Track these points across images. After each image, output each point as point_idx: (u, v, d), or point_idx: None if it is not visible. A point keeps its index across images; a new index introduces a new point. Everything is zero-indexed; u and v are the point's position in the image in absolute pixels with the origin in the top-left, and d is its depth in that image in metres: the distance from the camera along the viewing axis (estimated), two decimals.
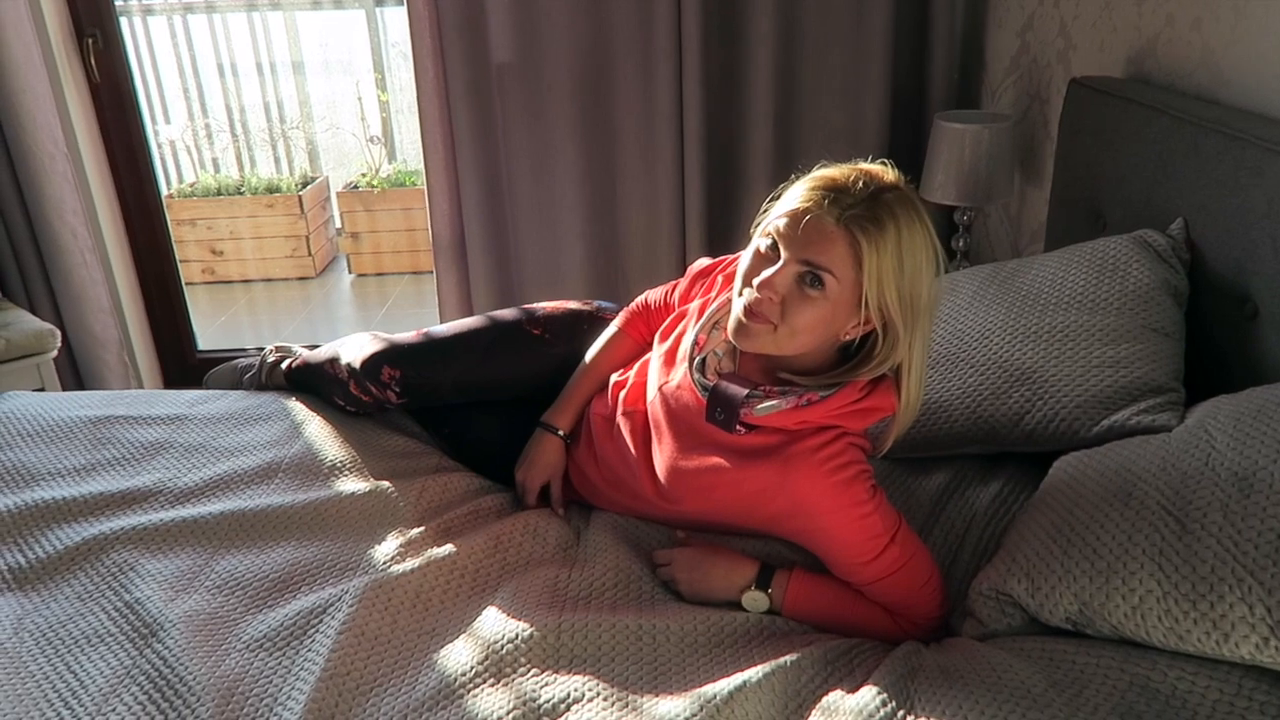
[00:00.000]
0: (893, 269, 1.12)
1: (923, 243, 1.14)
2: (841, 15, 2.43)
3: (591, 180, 2.61)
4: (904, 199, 1.14)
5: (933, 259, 1.16)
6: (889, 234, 1.11)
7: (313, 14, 4.70)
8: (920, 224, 1.14)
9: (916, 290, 1.14)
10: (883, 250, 1.11)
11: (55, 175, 2.58)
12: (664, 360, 1.39)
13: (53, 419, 1.74)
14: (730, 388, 1.24)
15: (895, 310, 1.14)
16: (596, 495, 1.50)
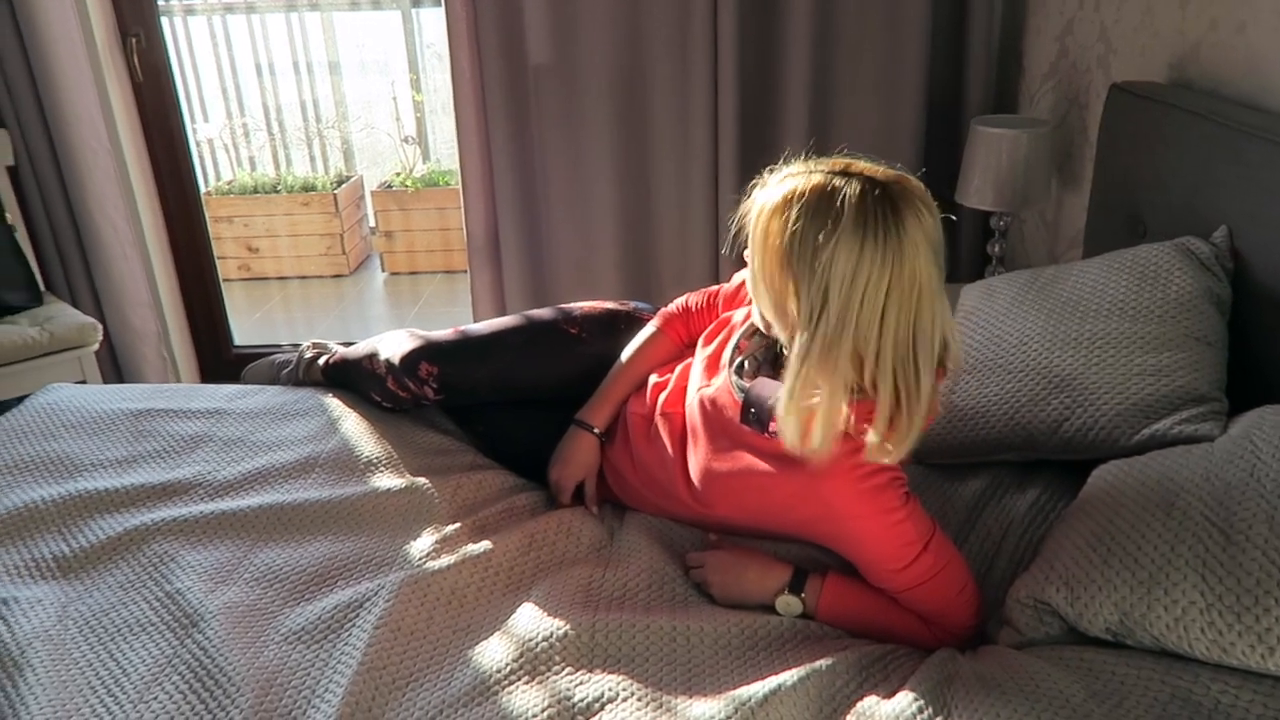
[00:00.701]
0: (772, 231, 1.14)
1: (815, 215, 1.11)
2: (878, 17, 2.42)
3: (625, 181, 2.62)
4: None
5: (841, 239, 1.10)
6: (779, 203, 1.15)
7: (350, 14, 4.74)
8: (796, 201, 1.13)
9: (810, 261, 1.11)
10: (766, 217, 1.16)
11: (98, 172, 2.62)
12: (706, 364, 1.39)
13: (95, 411, 1.77)
14: (764, 389, 1.25)
15: (785, 278, 1.13)
16: (631, 495, 1.50)
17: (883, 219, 1.10)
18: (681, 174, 2.58)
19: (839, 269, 1.09)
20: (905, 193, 1.13)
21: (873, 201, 1.11)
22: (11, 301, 2.43)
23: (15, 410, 1.78)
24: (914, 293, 1.11)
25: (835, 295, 1.10)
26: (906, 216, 1.11)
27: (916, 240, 1.11)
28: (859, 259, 1.09)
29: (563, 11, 2.44)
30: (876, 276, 1.09)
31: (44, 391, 1.87)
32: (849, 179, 1.13)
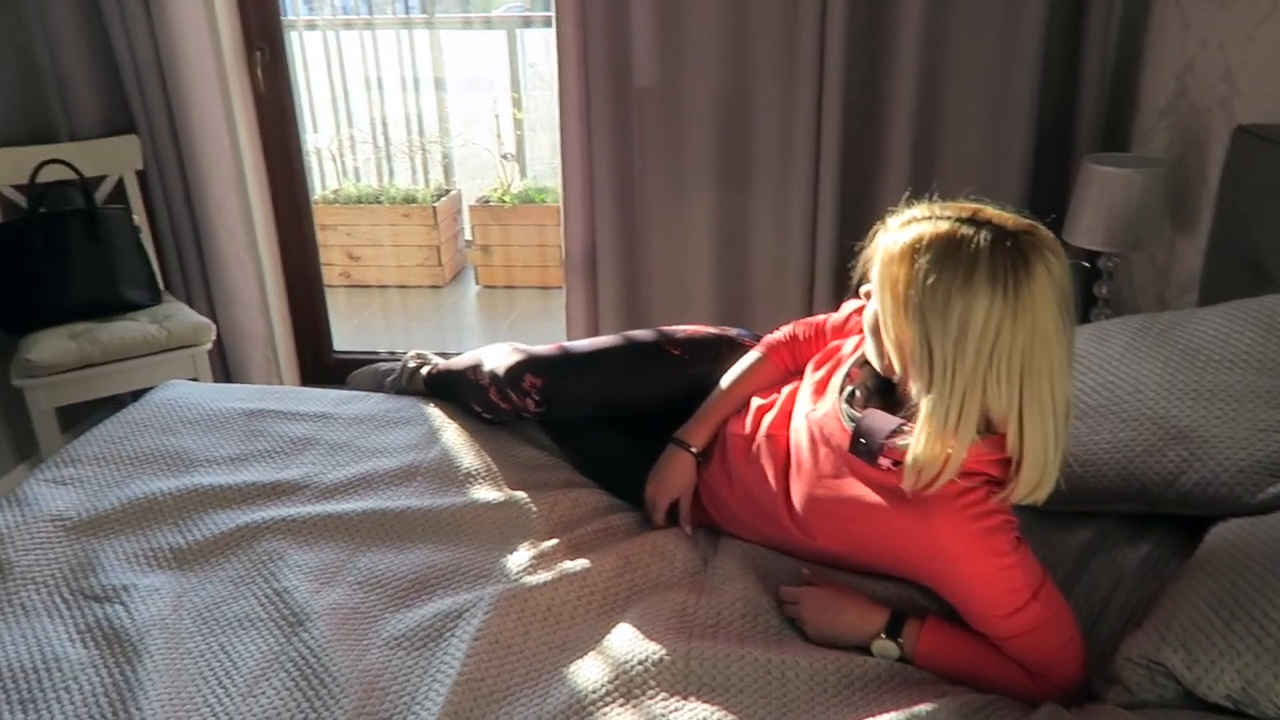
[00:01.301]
0: (900, 280, 1.13)
1: (945, 265, 1.10)
2: (989, 48, 2.39)
3: (723, 206, 2.63)
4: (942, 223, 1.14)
5: (973, 291, 1.09)
6: (905, 250, 1.13)
7: (459, 32, 4.87)
8: (951, 253, 1.11)
9: (942, 312, 1.10)
10: (891, 263, 1.15)
11: (219, 179, 2.74)
12: (814, 389, 1.39)
13: (210, 409, 1.85)
14: (876, 420, 1.24)
15: (913, 328, 1.13)
16: (729, 518, 1.50)
17: (1013, 271, 1.09)
18: (780, 201, 2.58)
19: (973, 323, 1.09)
20: (1037, 243, 1.12)
21: (1004, 252, 1.09)
22: (134, 299, 2.55)
23: (137, 405, 1.87)
24: (1046, 345, 1.10)
25: (969, 350, 1.09)
26: (1038, 268, 1.10)
27: (1048, 292, 1.10)
28: (989, 313, 1.08)
29: (670, 36, 2.47)
30: (1010, 330, 1.08)
31: (163, 388, 1.96)
32: (978, 227, 1.12)
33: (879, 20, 2.40)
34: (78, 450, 1.68)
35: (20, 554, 1.40)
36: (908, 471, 1.16)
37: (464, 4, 4.94)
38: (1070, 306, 1.13)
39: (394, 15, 4.69)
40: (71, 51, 2.59)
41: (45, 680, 1.17)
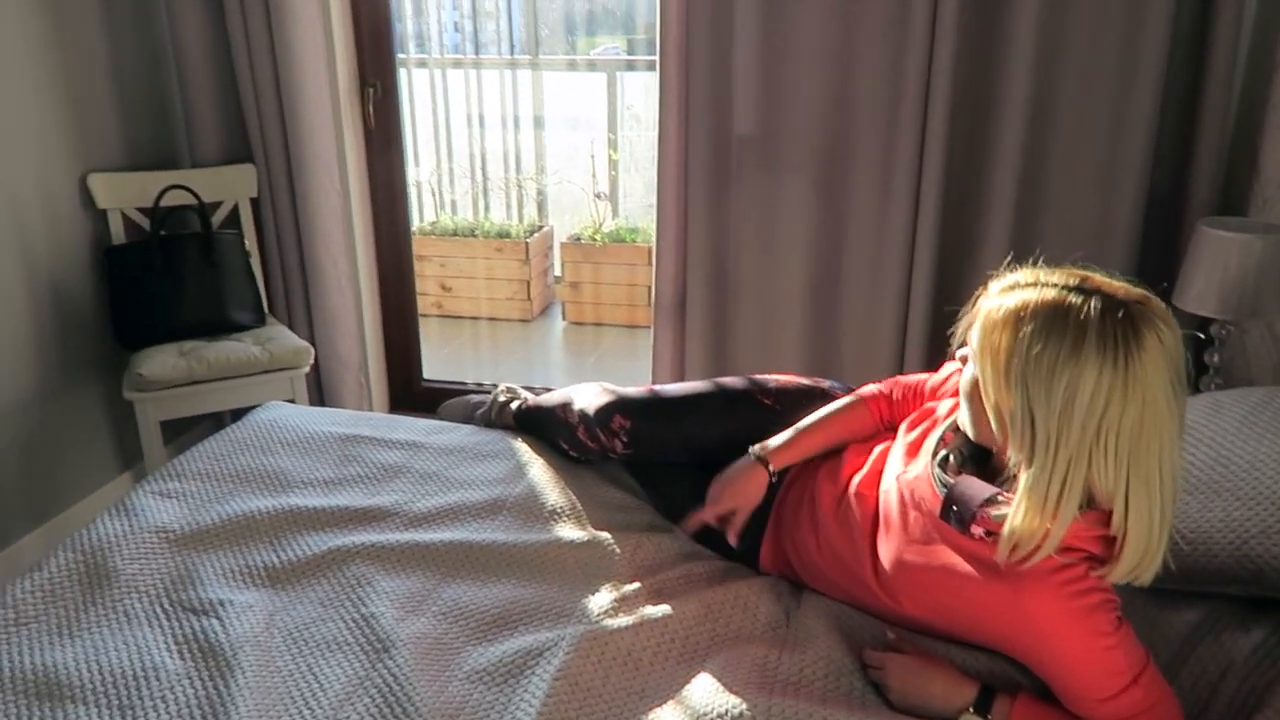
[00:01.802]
0: (1002, 348, 1.10)
1: (1052, 334, 1.07)
2: (1101, 108, 2.33)
3: (817, 257, 2.61)
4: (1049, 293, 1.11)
5: (1081, 363, 1.05)
6: (1009, 316, 1.11)
7: (560, 73, 4.98)
8: (1065, 328, 1.07)
9: (1047, 383, 1.07)
10: (994, 329, 1.11)
11: (327, 209, 2.84)
12: (907, 450, 1.37)
13: (308, 431, 1.91)
14: (971, 488, 1.20)
15: (1016, 397, 1.10)
16: (814, 574, 1.48)
17: (1124, 342, 1.05)
18: (876, 254, 2.55)
19: (1080, 396, 1.05)
20: (1147, 313, 1.08)
21: (1114, 323, 1.06)
22: (241, 320, 2.65)
23: (240, 424, 1.93)
24: (1156, 420, 1.06)
25: (1075, 423, 1.06)
26: (1148, 340, 1.06)
27: (1160, 365, 1.06)
28: (1098, 384, 1.05)
29: (771, 85, 2.48)
30: (1119, 404, 1.05)
31: (265, 408, 2.03)
32: (1087, 295, 1.09)
33: (985, 78, 2.38)
34: (183, 465, 1.75)
35: (126, 562, 1.45)
36: (1003, 544, 1.12)
37: (569, 45, 5.07)
38: (1183, 380, 1.09)
39: (501, 56, 4.83)
40: (200, 86, 2.73)
41: (144, 688, 1.21)
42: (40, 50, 2.36)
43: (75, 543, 1.49)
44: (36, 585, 1.39)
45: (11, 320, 2.34)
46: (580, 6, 5.20)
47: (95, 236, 2.58)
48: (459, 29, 5.02)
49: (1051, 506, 1.09)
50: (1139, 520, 1.08)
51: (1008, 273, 1.18)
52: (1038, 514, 1.10)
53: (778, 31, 2.43)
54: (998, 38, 2.33)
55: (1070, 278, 1.12)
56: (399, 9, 3.88)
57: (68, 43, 2.43)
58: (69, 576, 1.42)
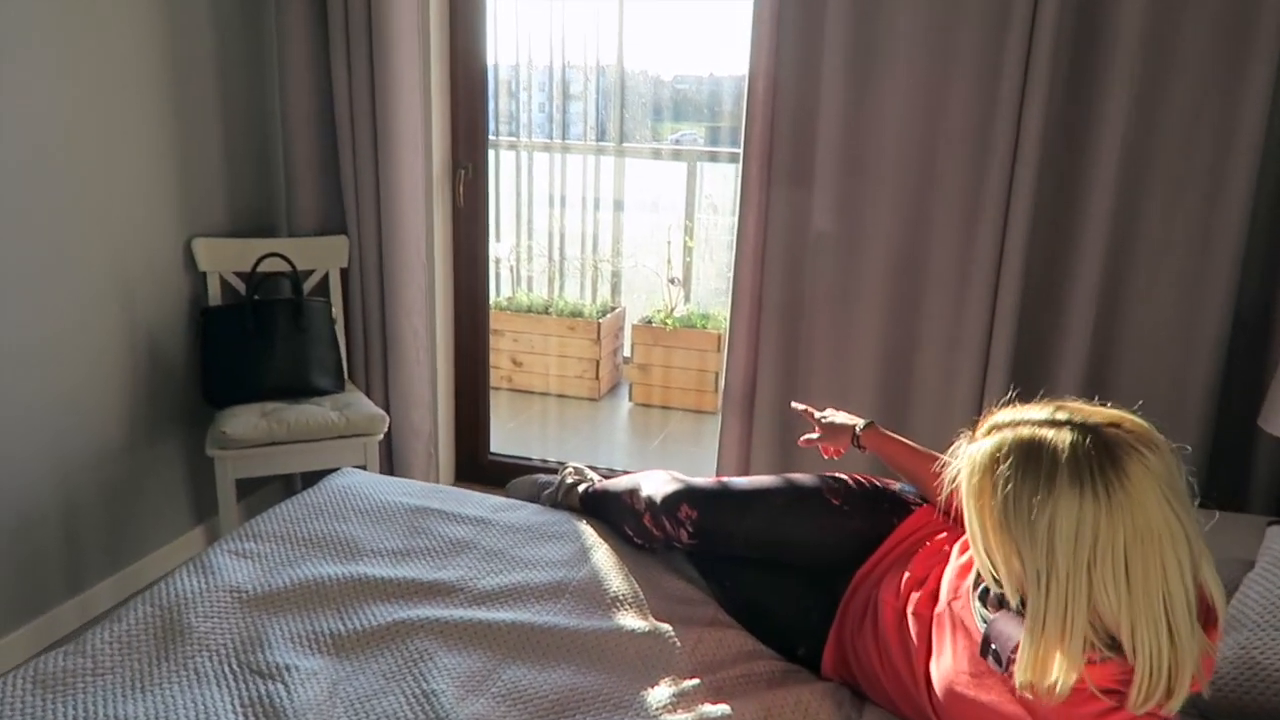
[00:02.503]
0: (984, 490, 1.12)
1: (1027, 472, 1.07)
2: (1187, 220, 2.31)
3: (889, 360, 2.61)
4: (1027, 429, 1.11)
5: (1056, 496, 1.04)
6: (986, 458, 1.12)
7: (644, 160, 5.12)
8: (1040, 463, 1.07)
9: (1027, 521, 1.06)
10: (975, 472, 1.13)
11: (412, 283, 2.94)
12: (958, 574, 1.35)
13: (380, 500, 1.95)
14: (1007, 626, 1.18)
15: (1001, 538, 1.10)
16: (875, 688, 1.45)
17: (1100, 470, 1.04)
18: (948, 362, 2.53)
19: (1061, 530, 1.04)
20: (1121, 436, 1.07)
21: (1085, 452, 1.05)
22: (322, 385, 2.73)
23: (316, 488, 1.99)
24: (1153, 543, 1.03)
25: (1062, 559, 1.05)
26: (1127, 462, 1.04)
27: (1145, 485, 1.04)
28: (1080, 517, 1.04)
29: (852, 185, 2.52)
30: (1105, 532, 1.03)
31: (340, 474, 2.08)
32: (1058, 428, 1.08)
33: (1068, 189, 2.38)
34: (260, 526, 1.80)
35: (200, 620, 1.49)
36: (1019, 686, 1.10)
37: (652, 131, 5.21)
38: (1183, 496, 1.06)
39: (588, 141, 4.99)
40: (304, 161, 2.88)
41: None
42: (161, 120, 2.52)
43: (153, 597, 1.54)
44: (115, 636, 1.44)
45: (109, 372, 2.45)
46: (665, 94, 5.36)
47: (193, 297, 2.71)
48: (544, 110, 5.21)
49: (1053, 643, 1.07)
50: (1146, 644, 1.04)
51: (989, 415, 1.18)
52: (1037, 650, 1.08)
53: (860, 136, 2.48)
54: (1081, 153, 2.34)
55: (1044, 410, 1.13)
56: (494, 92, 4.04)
57: (186, 115, 2.60)
58: (145, 630, 1.46)
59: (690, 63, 5.34)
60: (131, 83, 2.41)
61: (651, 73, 5.29)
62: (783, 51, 2.48)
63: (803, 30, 2.46)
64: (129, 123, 2.42)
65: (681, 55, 5.22)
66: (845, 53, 2.43)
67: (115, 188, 2.40)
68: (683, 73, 5.45)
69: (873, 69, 2.43)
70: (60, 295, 2.28)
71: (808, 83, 2.49)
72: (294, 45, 2.80)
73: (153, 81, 2.48)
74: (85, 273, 2.34)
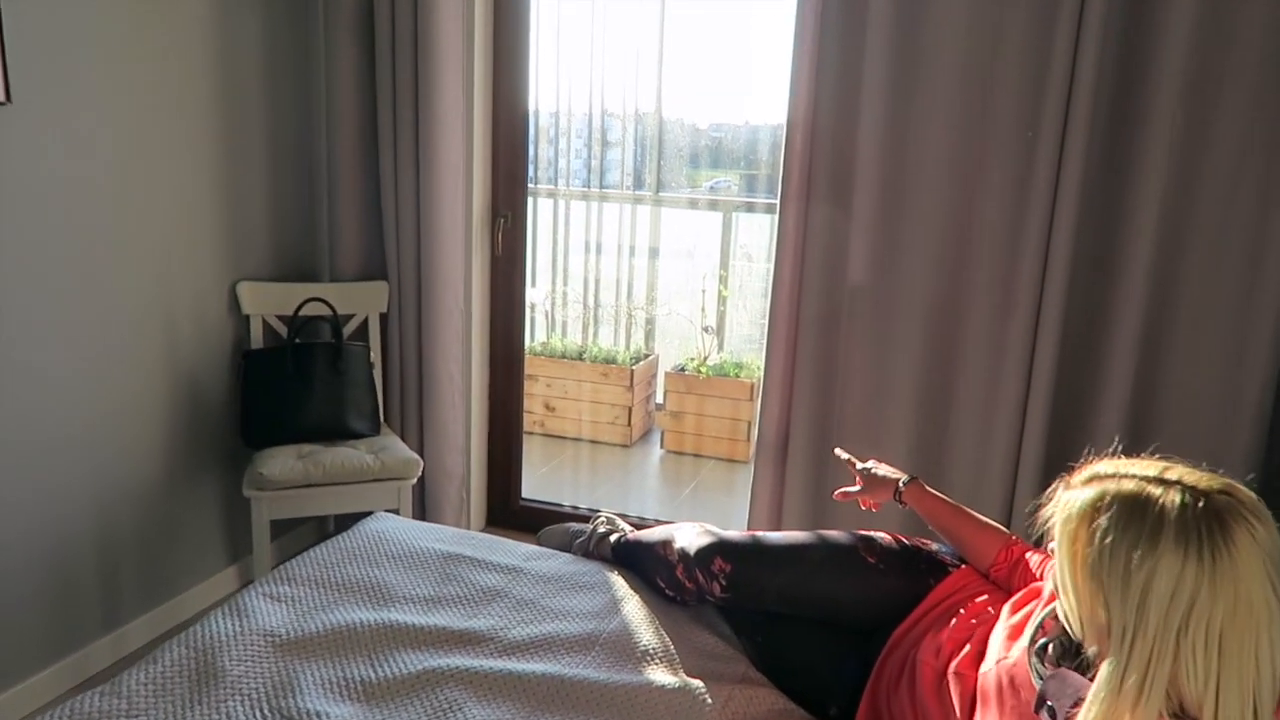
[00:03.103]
0: (1079, 539, 1.09)
1: (1129, 526, 1.05)
2: (1230, 279, 2.28)
3: (924, 412, 2.59)
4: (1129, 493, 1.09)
5: (1158, 554, 1.02)
6: (1085, 507, 1.09)
7: (679, 209, 5.17)
8: (1130, 522, 1.05)
9: (1122, 575, 1.04)
10: (1071, 520, 1.10)
11: (449, 328, 2.98)
12: (1009, 633, 1.32)
13: (413, 546, 1.95)
14: (1065, 683, 1.15)
15: (1091, 589, 1.07)
16: None
17: (1209, 535, 1.01)
18: (984, 415, 2.51)
19: (1157, 590, 1.02)
20: (1233, 504, 1.04)
21: (1195, 514, 1.03)
22: (358, 429, 2.76)
23: (350, 533, 2.00)
24: (1250, 617, 1.00)
25: (1154, 618, 1.02)
26: (1237, 532, 1.02)
27: (1251, 557, 1.01)
28: (1180, 579, 1.01)
29: (888, 239, 2.53)
30: (1203, 600, 1.00)
31: (374, 519, 2.09)
32: (1166, 486, 1.06)
33: (1107, 245, 2.37)
34: (294, 570, 1.81)
35: (234, 664, 1.50)
36: None
37: (690, 178, 5.26)
38: None
39: (625, 191, 5.04)
40: (348, 209, 2.94)
41: None
42: (211, 164, 2.59)
43: (188, 639, 1.55)
44: (150, 678, 1.45)
45: (151, 410, 2.50)
46: (701, 142, 5.41)
47: (236, 339, 2.76)
48: (579, 156, 5.28)
49: (1127, 703, 1.03)
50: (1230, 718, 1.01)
51: (1087, 465, 1.16)
52: (1109, 708, 1.04)
53: (897, 187, 2.49)
54: (1121, 205, 2.33)
55: (1150, 468, 1.10)
56: (534, 140, 4.10)
57: (235, 160, 2.67)
58: (180, 672, 1.47)
59: (726, 111, 5.40)
60: (182, 127, 2.48)
61: (688, 121, 5.36)
62: (820, 103, 2.50)
63: (840, 82, 2.48)
64: (179, 166, 2.49)
65: (718, 103, 5.27)
66: (884, 104, 2.44)
67: (164, 230, 2.46)
68: (718, 120, 5.51)
69: (911, 120, 2.44)
70: (106, 334, 2.33)
71: (845, 134, 2.51)
72: (341, 93, 2.87)
73: (203, 126, 2.55)
74: (132, 313, 2.40)
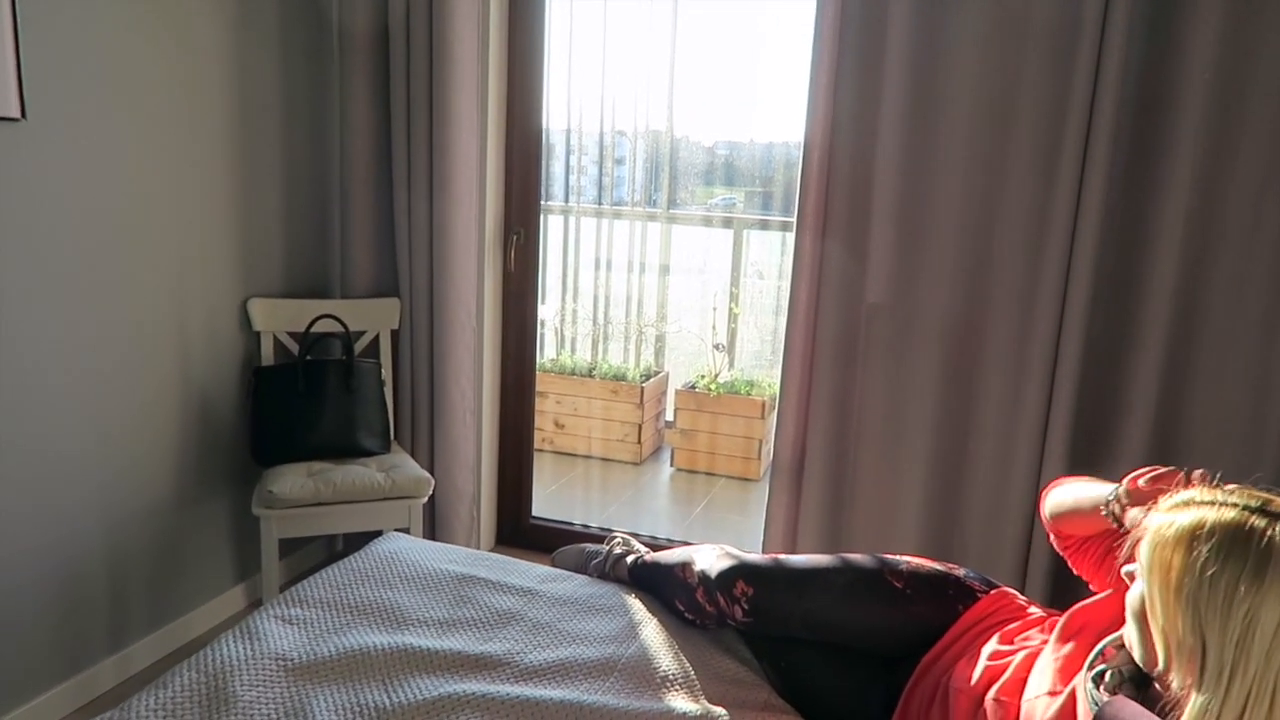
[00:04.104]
0: (1174, 566, 1.04)
1: (1232, 557, 1.01)
2: (1254, 304, 2.25)
3: (943, 433, 2.55)
4: None
5: (1265, 589, 0.98)
6: (1183, 533, 1.05)
7: (689, 226, 5.16)
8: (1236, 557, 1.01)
9: (1224, 609, 1.00)
10: (1165, 546, 1.06)
11: (460, 345, 2.95)
12: (1061, 666, 1.28)
13: (426, 567, 1.92)
14: (1125, 711, 1.12)
15: (1187, 621, 1.03)
16: None
17: None
18: (1005, 435, 2.47)
19: (1262, 625, 0.98)
20: None
21: None
22: (368, 447, 2.73)
23: (361, 553, 1.97)
24: None
25: (1256, 655, 0.98)
26: None
27: None
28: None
29: (907, 258, 2.50)
30: None
31: (386, 539, 2.06)
32: (1272, 520, 1.03)
33: (1130, 265, 2.33)
34: (305, 591, 1.78)
35: (245, 688, 1.46)
36: None
37: (700, 196, 5.24)
38: None
39: (634, 207, 5.03)
40: (360, 226, 2.93)
41: None
42: (225, 180, 2.58)
43: (199, 662, 1.52)
44: (160, 703, 1.41)
45: (161, 427, 2.47)
46: (710, 160, 5.40)
47: (246, 356, 2.73)
48: (587, 174, 5.27)
49: None
50: None
51: (1177, 488, 1.13)
52: None
53: (916, 206, 2.46)
54: (1144, 226, 2.30)
55: (1252, 499, 1.06)
56: (546, 157, 4.10)
57: (249, 176, 2.65)
58: (190, 698, 1.44)
59: (736, 128, 5.39)
60: (197, 142, 2.47)
61: (695, 138, 5.35)
62: (838, 123, 2.48)
63: (859, 103, 2.46)
64: (192, 183, 2.47)
65: (728, 120, 5.26)
66: (902, 125, 2.42)
67: (176, 247, 2.44)
68: (728, 138, 5.50)
69: (930, 142, 2.42)
70: (117, 350, 2.31)
71: (863, 154, 2.49)
72: (356, 109, 2.86)
73: (216, 144, 2.54)
74: (143, 329, 2.37)
